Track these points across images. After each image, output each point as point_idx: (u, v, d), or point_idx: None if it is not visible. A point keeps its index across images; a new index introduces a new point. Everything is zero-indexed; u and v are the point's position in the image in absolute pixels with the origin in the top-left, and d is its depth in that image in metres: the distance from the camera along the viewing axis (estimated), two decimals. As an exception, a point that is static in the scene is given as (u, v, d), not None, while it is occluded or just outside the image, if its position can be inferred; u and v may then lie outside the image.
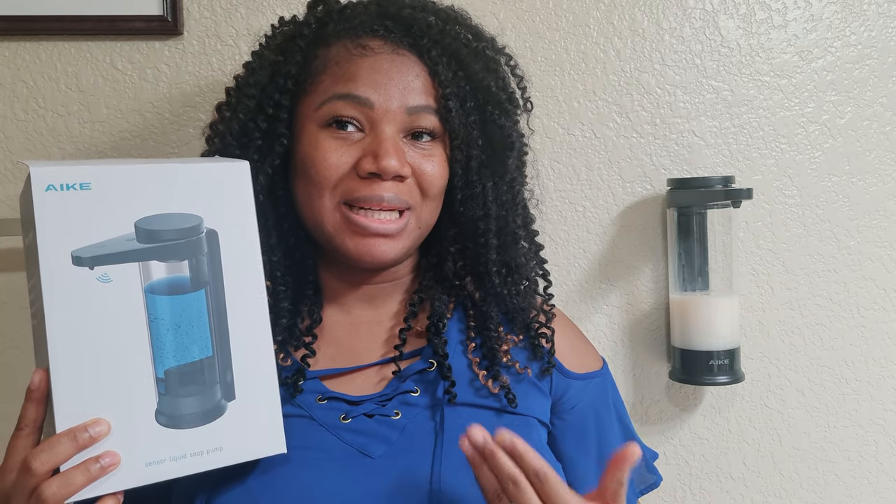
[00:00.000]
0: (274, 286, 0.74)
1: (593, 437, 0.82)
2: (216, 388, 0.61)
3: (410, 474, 0.67)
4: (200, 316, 0.60)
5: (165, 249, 0.58)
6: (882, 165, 1.08)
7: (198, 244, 0.60)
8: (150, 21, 0.96)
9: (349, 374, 0.75)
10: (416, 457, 0.68)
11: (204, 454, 0.60)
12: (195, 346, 0.60)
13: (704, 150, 1.07)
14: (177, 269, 0.59)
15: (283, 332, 0.74)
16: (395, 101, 0.71)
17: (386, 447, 0.69)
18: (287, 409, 0.70)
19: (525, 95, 0.83)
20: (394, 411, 0.71)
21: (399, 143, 0.72)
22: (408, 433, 0.70)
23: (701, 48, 1.06)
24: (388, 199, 0.71)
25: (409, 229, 0.74)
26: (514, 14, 1.03)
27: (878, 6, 1.07)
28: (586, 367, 0.83)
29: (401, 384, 0.73)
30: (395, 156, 0.70)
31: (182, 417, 0.59)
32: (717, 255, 1.03)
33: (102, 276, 0.55)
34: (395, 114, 0.71)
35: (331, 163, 0.71)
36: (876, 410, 1.11)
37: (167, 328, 0.58)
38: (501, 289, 0.78)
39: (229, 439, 0.61)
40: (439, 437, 0.69)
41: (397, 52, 0.73)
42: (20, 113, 0.97)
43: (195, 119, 0.99)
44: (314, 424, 0.70)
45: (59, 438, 0.55)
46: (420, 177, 0.73)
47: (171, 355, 0.59)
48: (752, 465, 1.10)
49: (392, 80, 0.72)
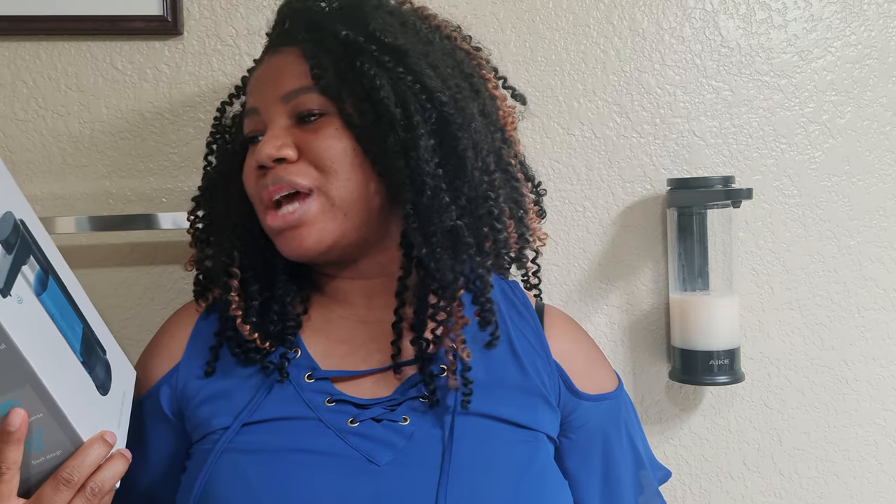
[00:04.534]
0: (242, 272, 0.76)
1: (598, 457, 0.80)
2: (98, 349, 0.67)
3: (416, 483, 0.66)
4: (62, 297, 0.64)
5: (21, 251, 0.60)
6: (882, 165, 1.08)
7: (26, 237, 0.62)
8: (150, 21, 0.96)
9: (359, 377, 0.74)
10: (423, 465, 0.67)
11: (123, 402, 0.69)
12: (76, 324, 0.65)
13: (704, 150, 1.07)
14: (33, 266, 0.61)
15: (256, 314, 0.74)
16: (270, 96, 0.72)
17: (393, 455, 0.67)
18: (297, 410, 0.70)
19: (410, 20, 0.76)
20: (402, 416, 0.70)
21: (282, 132, 0.71)
22: (415, 440, 0.68)
23: (701, 48, 1.06)
24: (274, 183, 0.70)
25: (321, 210, 0.70)
26: (514, 14, 1.03)
27: (878, 6, 1.07)
28: (599, 388, 0.80)
29: (409, 389, 0.72)
30: (269, 142, 0.70)
31: (105, 382, 0.66)
32: (717, 255, 1.03)
33: (19, 299, 0.56)
34: (274, 108, 0.72)
35: (246, 176, 0.75)
36: (876, 410, 1.11)
37: (60, 318, 0.62)
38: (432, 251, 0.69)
39: (123, 383, 0.70)
40: (448, 447, 0.68)
41: (276, 51, 0.75)
42: (20, 113, 0.97)
43: (195, 119, 0.99)
44: (322, 427, 0.69)
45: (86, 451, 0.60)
46: (309, 153, 0.70)
47: (73, 339, 0.63)
48: (752, 465, 1.10)
49: (269, 78, 0.73)
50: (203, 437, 0.71)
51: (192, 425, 0.72)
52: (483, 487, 0.66)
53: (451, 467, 0.66)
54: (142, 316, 1.00)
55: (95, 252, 0.99)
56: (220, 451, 0.68)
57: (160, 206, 0.99)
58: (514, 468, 0.69)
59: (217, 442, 0.68)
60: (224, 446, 0.68)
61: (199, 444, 0.71)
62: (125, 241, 0.99)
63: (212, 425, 0.70)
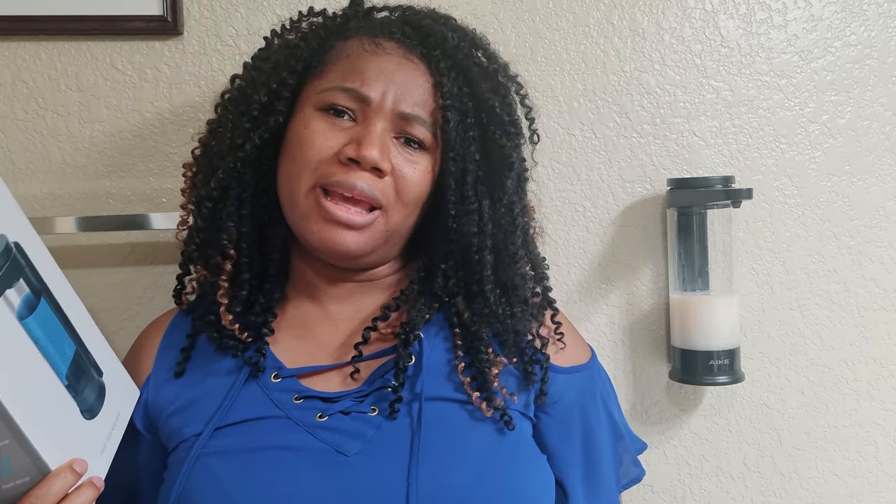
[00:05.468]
0: (238, 256, 0.76)
1: (578, 430, 0.81)
2: (92, 371, 0.67)
3: (386, 470, 0.67)
4: (54, 319, 0.63)
5: (8, 275, 0.59)
6: (882, 165, 1.08)
7: (17, 259, 0.61)
8: (150, 21, 0.96)
9: (326, 371, 0.75)
10: (392, 453, 0.68)
11: (116, 424, 0.68)
12: (66, 346, 0.64)
13: (704, 150, 1.07)
14: (21, 289, 0.60)
15: (241, 304, 0.76)
16: (390, 101, 0.72)
17: (361, 444, 0.69)
18: (266, 410, 0.71)
19: (532, 127, 0.83)
20: (370, 407, 0.71)
21: (386, 139, 0.72)
22: (383, 430, 0.70)
23: (701, 48, 1.06)
24: (361, 189, 0.70)
25: (376, 227, 0.73)
26: (514, 14, 1.03)
27: (878, 6, 1.07)
28: (572, 360, 0.82)
29: (376, 380, 0.73)
30: (379, 147, 0.70)
31: (93, 406, 0.65)
32: (717, 255, 1.03)
33: None
34: (388, 113, 0.72)
35: (316, 144, 0.72)
36: (876, 410, 1.11)
37: (46, 342, 0.61)
38: (496, 307, 0.76)
39: (118, 404, 0.69)
40: (416, 432, 0.69)
41: (407, 56, 0.74)
42: (20, 113, 0.97)
43: (195, 119, 0.99)
44: (290, 423, 0.70)
45: (51, 481, 0.58)
46: (399, 178, 0.73)
47: (60, 363, 0.62)
48: (752, 465, 1.10)
49: (394, 81, 0.72)
50: (177, 445, 0.72)
51: (166, 436, 0.74)
52: (453, 469, 0.68)
53: (420, 452, 0.67)
54: (141, 316, 1.00)
55: (95, 252, 0.99)
56: (193, 458, 0.68)
57: (160, 206, 0.99)
58: (483, 448, 0.70)
59: (190, 449, 0.69)
60: (197, 452, 0.69)
61: (174, 454, 0.72)
62: (125, 242, 0.99)
63: (183, 433, 0.71)
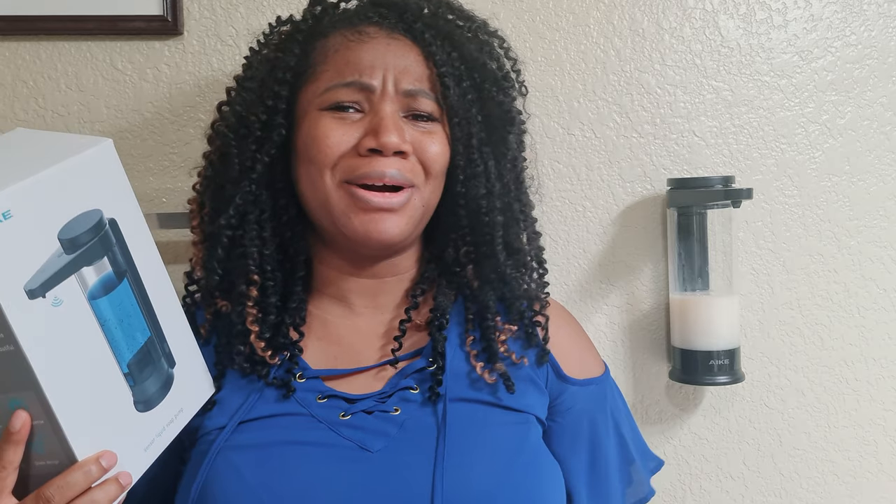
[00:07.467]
0: (263, 281, 0.75)
1: (585, 441, 0.82)
2: (162, 361, 0.65)
3: (410, 468, 0.67)
4: (132, 303, 0.62)
5: (90, 252, 0.58)
6: (882, 165, 1.08)
7: (108, 237, 0.60)
8: (150, 21, 0.96)
9: (350, 375, 0.75)
10: (417, 451, 0.68)
11: (174, 420, 0.66)
12: (138, 333, 0.63)
13: (704, 150, 1.07)
14: (102, 268, 0.60)
15: (270, 329, 0.74)
16: (392, 83, 0.72)
17: (385, 442, 0.69)
18: (288, 407, 0.71)
19: (519, 78, 0.84)
20: (393, 407, 0.71)
21: (399, 121, 0.72)
22: (407, 428, 0.70)
23: (701, 48, 1.06)
24: (391, 175, 0.71)
25: (413, 206, 0.73)
26: (514, 14, 1.03)
27: (878, 6, 1.07)
28: (585, 372, 0.82)
29: (400, 381, 0.73)
30: (396, 132, 0.70)
31: (152, 398, 0.64)
32: (717, 255, 1.03)
33: (55, 301, 0.55)
34: (393, 95, 0.72)
35: (332, 140, 0.71)
36: (876, 410, 1.11)
37: (115, 326, 0.60)
38: (505, 269, 0.77)
39: (184, 399, 0.68)
40: (441, 431, 0.69)
41: (392, 36, 0.75)
42: (20, 113, 0.97)
43: (195, 119, 0.99)
44: (313, 421, 0.70)
45: (74, 472, 0.56)
46: (422, 154, 0.73)
47: (126, 349, 0.61)
48: (752, 465, 1.10)
49: (389, 63, 0.73)
50: (198, 438, 0.71)
51: (185, 431, 0.73)
52: (479, 467, 0.68)
53: (445, 450, 0.68)
54: (142, 316, 1.00)
55: (95, 252, 0.99)
56: (216, 451, 0.68)
57: (160, 206, 0.99)
58: (507, 449, 0.71)
59: (212, 443, 0.69)
60: (221, 445, 0.68)
61: (196, 448, 0.71)
62: (125, 241, 0.99)
63: (206, 426, 0.71)
